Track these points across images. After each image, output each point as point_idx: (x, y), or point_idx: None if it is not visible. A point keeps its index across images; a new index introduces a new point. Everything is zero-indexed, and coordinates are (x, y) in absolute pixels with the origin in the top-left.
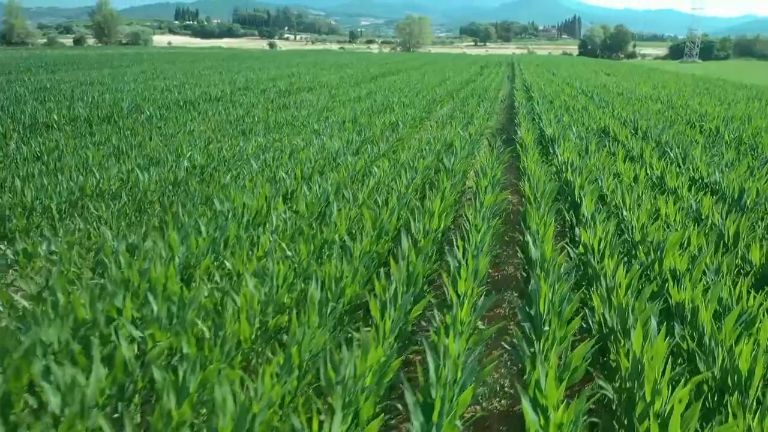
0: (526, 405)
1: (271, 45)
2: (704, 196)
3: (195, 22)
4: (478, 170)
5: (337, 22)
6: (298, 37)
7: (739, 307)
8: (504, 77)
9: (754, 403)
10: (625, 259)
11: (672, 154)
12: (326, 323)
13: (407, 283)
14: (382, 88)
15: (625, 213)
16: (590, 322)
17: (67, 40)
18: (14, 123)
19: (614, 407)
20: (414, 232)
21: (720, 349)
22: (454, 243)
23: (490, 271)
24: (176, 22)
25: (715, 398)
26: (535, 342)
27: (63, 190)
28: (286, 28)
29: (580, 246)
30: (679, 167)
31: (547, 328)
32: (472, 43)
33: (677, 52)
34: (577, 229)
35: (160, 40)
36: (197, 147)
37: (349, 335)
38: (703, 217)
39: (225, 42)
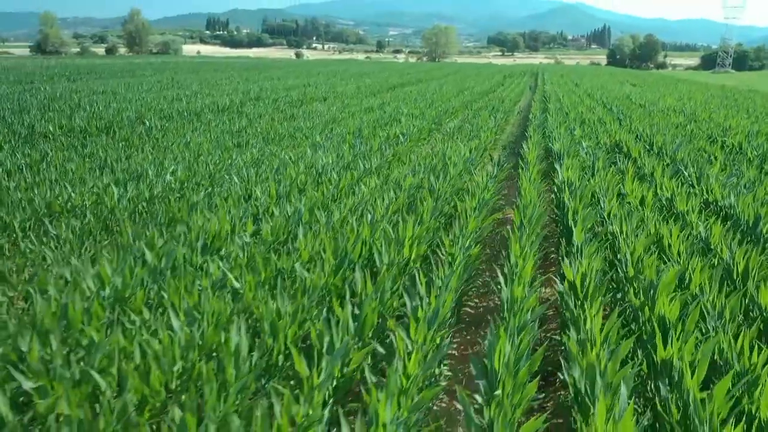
0: None
1: (298, 54)
2: (715, 222)
3: (225, 32)
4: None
5: (365, 31)
6: (325, 47)
7: (739, 366)
8: (525, 87)
9: None
10: (619, 295)
11: (686, 173)
12: (247, 375)
13: (361, 325)
14: (397, 98)
15: (620, 243)
16: (566, 377)
17: (100, 50)
18: (10, 133)
19: None
20: (378, 263)
21: (706, 427)
22: (417, 277)
23: (476, 301)
24: (207, 32)
25: None
26: (485, 409)
27: (28, 206)
28: (314, 38)
29: (565, 282)
30: (693, 188)
31: (498, 392)
32: (500, 53)
33: (709, 62)
34: (567, 260)
35: (190, 49)
36: (185, 160)
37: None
38: (711, 247)
39: (253, 51)
